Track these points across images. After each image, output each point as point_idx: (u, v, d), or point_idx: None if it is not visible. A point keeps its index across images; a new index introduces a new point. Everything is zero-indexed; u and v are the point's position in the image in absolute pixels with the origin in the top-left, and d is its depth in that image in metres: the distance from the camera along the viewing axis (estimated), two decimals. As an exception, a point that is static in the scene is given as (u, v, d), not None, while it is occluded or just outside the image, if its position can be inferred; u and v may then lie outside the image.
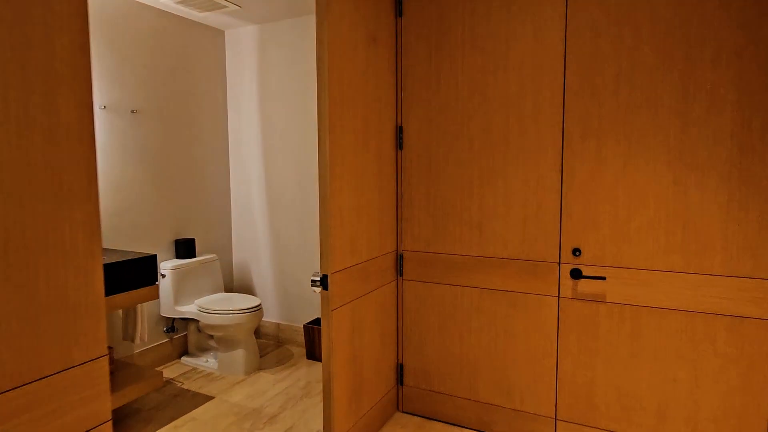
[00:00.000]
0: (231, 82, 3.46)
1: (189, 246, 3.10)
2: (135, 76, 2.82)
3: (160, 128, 2.98)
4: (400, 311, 2.42)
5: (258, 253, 3.49)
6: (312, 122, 3.17)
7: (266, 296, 3.49)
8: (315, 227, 3.23)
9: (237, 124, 3.47)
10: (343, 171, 1.92)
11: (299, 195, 3.26)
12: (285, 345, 3.41)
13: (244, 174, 3.48)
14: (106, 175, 2.68)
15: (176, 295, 2.98)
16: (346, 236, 1.96)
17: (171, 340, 3.11)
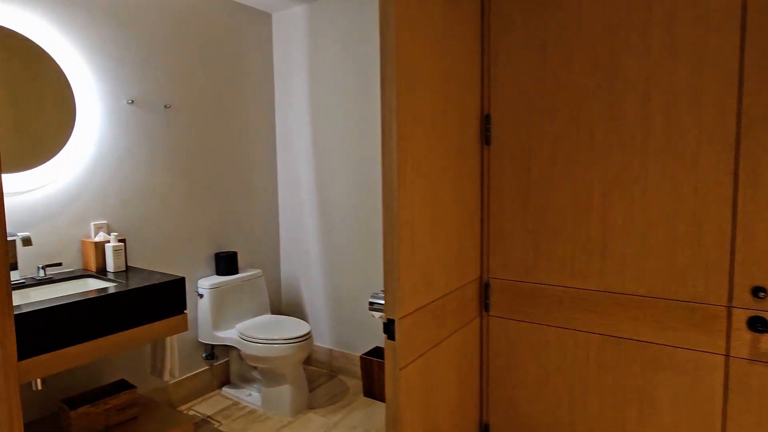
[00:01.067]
0: (278, 71, 3.02)
1: (231, 261, 2.69)
2: (169, 66, 2.43)
3: (197, 125, 2.59)
4: (485, 356, 1.86)
5: (309, 268, 3.03)
6: (372, 117, 2.66)
7: (318, 318, 3.03)
8: (375, 240, 2.73)
9: (285, 119, 3.03)
10: (414, 176, 1.39)
11: (357, 202, 2.77)
12: (338, 375, 2.94)
13: (294, 178, 3.04)
14: (134, 180, 2.31)
15: (215, 318, 2.57)
16: (418, 264, 1.43)
17: (211, 368, 2.72)
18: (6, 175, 1.85)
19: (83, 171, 2.11)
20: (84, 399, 2.00)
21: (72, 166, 2.06)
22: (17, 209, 1.90)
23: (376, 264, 2.73)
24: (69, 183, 2.06)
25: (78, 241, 2.10)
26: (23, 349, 1.49)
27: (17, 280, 1.83)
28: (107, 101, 2.19)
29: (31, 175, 1.92)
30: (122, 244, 2.07)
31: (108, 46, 2.18)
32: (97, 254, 2.05)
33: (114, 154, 2.22)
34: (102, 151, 2.18)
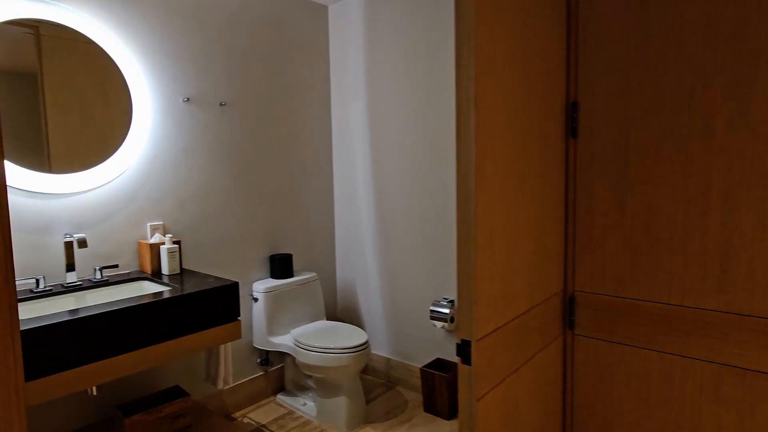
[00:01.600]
0: (335, 66, 2.89)
1: (286, 263, 2.59)
2: (223, 62, 2.36)
3: (252, 123, 2.51)
4: (569, 382, 1.61)
5: (365, 272, 2.88)
6: (435, 114, 2.47)
7: (374, 325, 2.88)
8: (436, 244, 2.53)
9: (341, 116, 2.90)
10: (493, 172, 1.18)
11: (417, 204, 2.59)
12: (396, 387, 2.76)
13: (350, 177, 2.90)
14: (190, 180, 2.25)
15: (270, 323, 2.47)
16: (498, 275, 1.22)
17: (266, 374, 2.63)
18: (63, 175, 1.82)
19: (140, 171, 2.07)
20: (138, 406, 1.94)
21: (129, 166, 2.02)
22: (75, 210, 1.87)
23: (438, 270, 2.54)
24: (126, 183, 2.02)
25: (134, 242, 2.06)
26: (77, 356, 1.42)
27: (74, 282, 1.80)
28: (163, 99, 2.14)
29: (88, 175, 1.88)
30: (177, 246, 2.00)
31: (163, 43, 2.13)
32: (153, 256, 1.99)
33: (170, 154, 2.17)
34: (158, 151, 2.13)
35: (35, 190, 1.75)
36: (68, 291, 1.76)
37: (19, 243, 1.74)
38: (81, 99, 1.86)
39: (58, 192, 1.81)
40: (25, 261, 1.76)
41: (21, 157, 1.72)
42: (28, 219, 1.76)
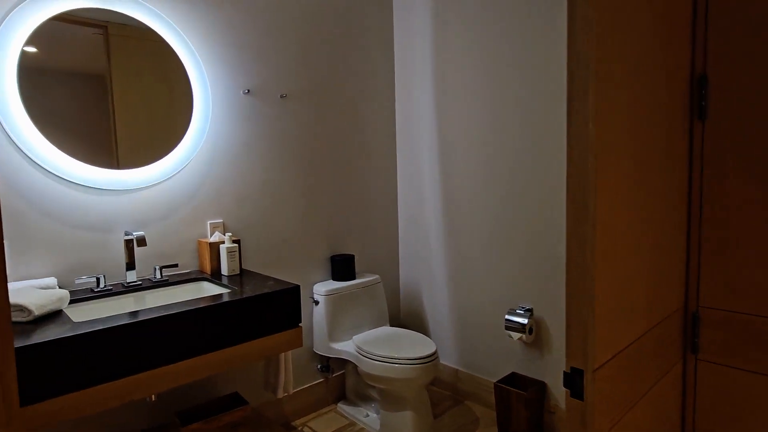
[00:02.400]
0: (400, 56, 2.71)
1: (347, 264, 2.44)
2: (285, 53, 2.24)
3: (312, 117, 2.37)
4: (690, 417, 1.33)
5: (431, 275, 2.68)
6: (513, 101, 2.22)
7: (441, 333, 2.67)
8: (514, 246, 2.28)
9: (407, 109, 2.71)
10: (613, 163, 0.95)
11: (489, 203, 2.35)
12: (465, 401, 2.54)
13: (415, 174, 2.70)
14: (250, 176, 2.15)
15: (331, 328, 2.33)
16: (617, 291, 0.98)
17: (326, 381, 2.49)
18: (129, 170, 1.76)
19: (200, 167, 1.98)
20: (197, 413, 1.86)
21: (189, 161, 1.93)
22: (136, 207, 1.81)
23: (514, 275, 2.28)
24: (186, 179, 1.94)
25: (194, 240, 1.98)
26: (134, 363, 1.33)
27: (134, 282, 1.73)
28: (223, 92, 2.04)
29: (149, 171, 1.81)
30: (236, 246, 1.90)
31: (224, 34, 2.03)
32: (212, 256, 1.90)
33: (230, 149, 2.07)
34: (218, 146, 2.03)
35: (100, 186, 1.70)
36: (128, 291, 1.69)
37: (81, 241, 1.69)
38: (146, 94, 1.79)
39: (121, 188, 1.75)
40: (86, 259, 1.71)
41: (88, 155, 1.66)
42: (90, 216, 1.71)
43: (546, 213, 2.13)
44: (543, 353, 2.20)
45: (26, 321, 1.33)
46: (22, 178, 1.57)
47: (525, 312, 2.19)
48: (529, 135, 2.15)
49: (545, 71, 2.07)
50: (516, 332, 2.18)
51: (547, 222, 2.13)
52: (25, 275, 1.59)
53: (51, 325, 1.30)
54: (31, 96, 1.55)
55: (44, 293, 1.41)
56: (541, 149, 2.12)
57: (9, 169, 1.54)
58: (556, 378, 2.17)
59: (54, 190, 1.63)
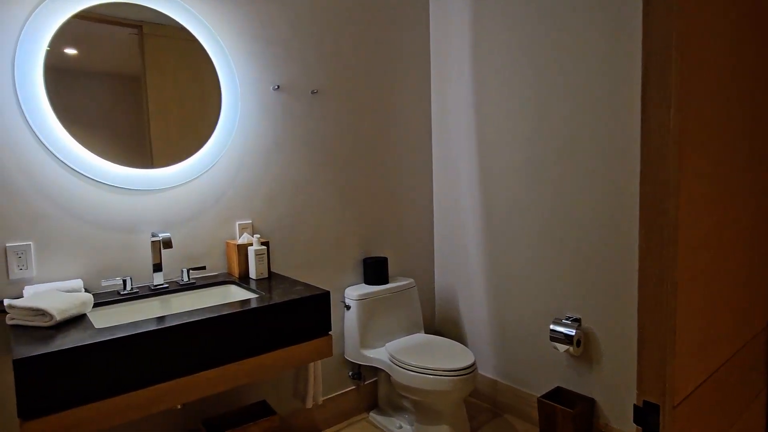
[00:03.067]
0: (436, 50, 2.58)
1: (380, 267, 2.33)
2: (316, 47, 2.15)
3: (344, 113, 2.27)
4: (777, 453, 1.15)
5: (469, 280, 2.53)
6: (558, 95, 2.05)
7: (479, 341, 2.52)
8: (560, 250, 2.11)
9: (442, 106, 2.57)
10: (698, 156, 0.79)
11: (533, 202, 2.19)
12: (504, 415, 2.38)
13: (452, 173, 2.56)
14: (280, 175, 2.06)
15: (363, 334, 2.23)
16: (698, 310, 0.83)
17: (358, 388, 2.39)
18: (159, 170, 1.70)
19: (229, 165, 1.91)
20: (224, 421, 1.79)
21: (217, 160, 1.87)
22: (165, 207, 1.76)
23: (559, 282, 2.12)
24: (215, 179, 1.87)
25: (223, 242, 1.91)
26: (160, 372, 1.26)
27: (161, 285, 1.67)
28: (252, 87, 1.96)
29: (178, 169, 1.76)
30: (265, 248, 1.81)
31: (252, 28, 1.95)
32: (240, 258, 1.83)
33: (260, 147, 2.00)
34: (247, 144, 1.96)
35: (128, 186, 1.65)
36: (154, 294, 1.64)
37: (108, 242, 1.65)
38: (178, 92, 1.73)
39: (149, 188, 1.70)
40: (113, 261, 1.66)
41: (117, 155, 1.62)
42: (118, 217, 1.67)
43: (598, 215, 1.96)
44: (592, 367, 2.03)
45: (48, 326, 1.28)
46: (50, 178, 1.53)
47: (572, 322, 2.02)
48: (582, 130, 1.98)
49: (604, 56, 1.89)
50: (562, 344, 2.01)
51: (599, 225, 1.95)
52: (51, 277, 1.55)
53: (72, 331, 1.24)
54: (58, 95, 1.51)
55: (67, 297, 1.36)
56: (595, 145, 1.94)
57: (36, 169, 1.51)
58: (606, 395, 1.99)
59: (81, 190, 1.59)
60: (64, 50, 1.52)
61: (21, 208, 1.49)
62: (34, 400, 1.09)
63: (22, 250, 1.49)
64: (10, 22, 1.45)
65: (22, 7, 1.47)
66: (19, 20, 1.46)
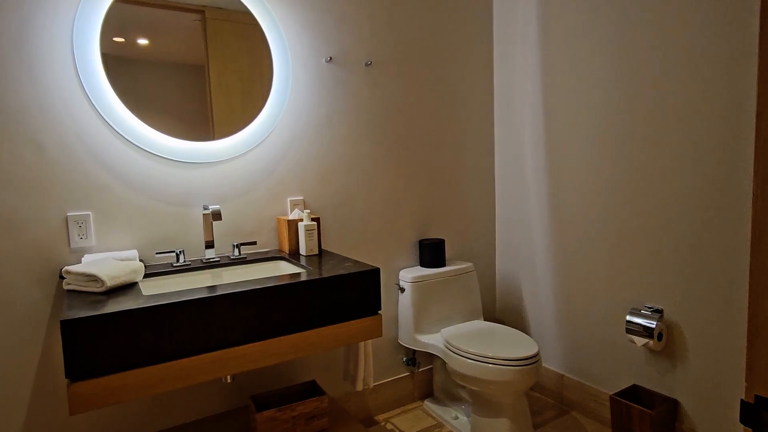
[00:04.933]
0: (500, 14, 2.39)
1: (437, 250, 2.20)
2: (370, 16, 2.05)
3: (400, 86, 2.16)
4: None
5: (533, 265, 2.35)
6: (637, 64, 1.81)
7: (543, 331, 2.33)
8: (637, 234, 1.88)
9: (506, 78, 2.39)
10: None
11: (608, 182, 1.97)
12: (571, 411, 2.19)
13: (517, 150, 2.38)
14: (332, 150, 2.00)
15: (418, 319, 2.12)
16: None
17: (412, 375, 2.30)
18: (201, 143, 1.70)
19: (281, 140, 1.87)
20: (272, 398, 1.76)
21: (268, 133, 1.83)
22: (216, 181, 1.75)
23: (638, 268, 1.89)
24: (266, 153, 1.84)
25: (274, 218, 1.88)
26: (208, 340, 1.23)
27: (212, 258, 1.66)
28: (304, 59, 1.91)
29: (228, 143, 1.74)
30: (315, 224, 1.76)
31: (307, -5, 1.89)
32: (291, 234, 1.78)
33: (312, 121, 1.94)
34: (300, 118, 1.91)
35: (182, 159, 1.65)
36: (206, 267, 1.63)
37: (163, 214, 1.66)
38: (233, 64, 1.71)
39: (202, 160, 1.69)
40: (168, 233, 1.68)
41: (177, 129, 1.62)
42: (173, 190, 1.67)
43: (687, 192, 1.71)
44: (675, 365, 1.79)
45: (99, 291, 1.29)
46: (109, 150, 1.56)
47: (653, 313, 1.80)
48: (670, 98, 1.74)
49: (708, 10, 1.64)
50: (640, 337, 1.79)
51: (689, 204, 1.71)
52: (109, 247, 1.59)
53: (121, 297, 1.24)
54: (119, 73, 1.53)
55: (119, 265, 1.37)
56: (688, 116, 1.70)
57: (96, 142, 1.54)
58: (693, 395, 1.75)
59: (139, 163, 1.61)
60: (117, 35, 1.53)
61: (81, 179, 1.53)
62: (80, 362, 1.09)
63: (82, 220, 1.53)
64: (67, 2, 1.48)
65: (81, -20, 1.49)
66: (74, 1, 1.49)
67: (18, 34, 1.41)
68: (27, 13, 1.42)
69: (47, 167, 1.47)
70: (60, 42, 1.46)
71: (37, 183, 1.46)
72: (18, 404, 1.48)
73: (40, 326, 1.50)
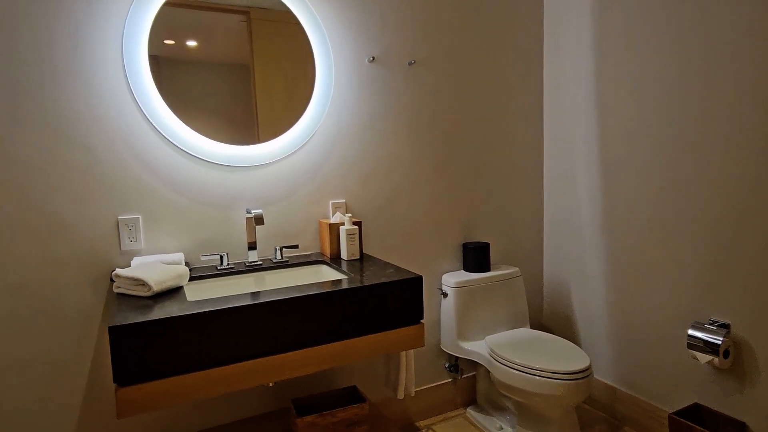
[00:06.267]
0: (549, 8, 2.27)
1: (482, 254, 2.13)
2: (414, 14, 1.99)
3: (444, 85, 2.09)
4: None
5: (584, 271, 2.23)
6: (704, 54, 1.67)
7: (595, 341, 2.21)
8: (699, 239, 1.74)
9: (556, 76, 2.27)
10: None
11: (664, 182, 1.83)
12: (624, 427, 2.07)
13: (566, 149, 2.26)
14: (374, 152, 1.96)
15: (461, 325, 2.06)
16: None
17: (455, 381, 2.24)
18: (245, 147, 1.70)
19: (323, 142, 1.85)
20: (313, 403, 1.75)
21: (311, 135, 1.82)
22: (259, 184, 1.75)
23: (701, 277, 1.75)
24: (309, 156, 1.83)
25: (316, 221, 1.86)
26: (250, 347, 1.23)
27: (255, 262, 1.67)
28: (346, 59, 1.88)
29: (271, 146, 1.73)
30: (356, 228, 1.73)
31: (350, -5, 1.86)
32: (332, 238, 1.76)
33: (354, 123, 1.91)
34: (342, 119, 1.88)
35: (226, 163, 1.66)
36: (249, 271, 1.63)
37: (208, 218, 1.68)
38: (279, 68, 1.70)
39: (246, 164, 1.70)
40: (212, 236, 1.70)
41: (223, 133, 1.64)
42: (217, 194, 1.69)
43: (755, 197, 1.56)
44: (744, 385, 1.65)
45: (146, 296, 1.31)
46: (157, 155, 1.59)
47: (718, 328, 1.66)
48: (736, 98, 1.59)
49: (766, -1, 1.49)
50: (704, 353, 1.66)
51: (758, 210, 1.56)
52: (157, 249, 1.62)
53: (167, 302, 1.26)
54: (166, 79, 1.55)
55: (165, 269, 1.39)
56: (753, 115, 1.55)
57: (144, 147, 1.57)
58: (763, 418, 1.60)
59: (186, 168, 1.63)
60: (165, 38, 1.55)
61: (131, 183, 1.56)
62: (127, 367, 1.11)
63: (132, 223, 1.57)
64: (117, 7, 1.50)
65: (130, -12, 1.52)
66: (124, 6, 1.51)
67: (73, 42, 1.45)
68: (80, 20, 1.45)
69: (99, 171, 1.52)
70: (111, 48, 1.50)
71: (90, 187, 1.51)
72: (72, 402, 1.54)
73: (93, 327, 1.55)
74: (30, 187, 1.44)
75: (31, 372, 1.48)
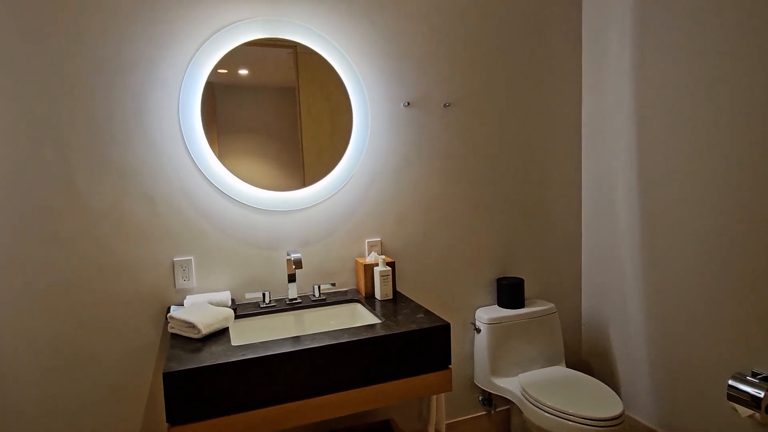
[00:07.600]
0: (588, 49, 2.27)
1: (516, 290, 2.15)
2: (449, 59, 2.05)
3: (479, 126, 2.14)
4: None
5: (624, 307, 2.20)
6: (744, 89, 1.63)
7: (635, 380, 2.17)
8: (743, 285, 1.69)
9: (594, 113, 2.26)
10: None
11: (709, 225, 1.78)
12: (665, 473, 2.02)
13: (605, 185, 2.24)
14: (410, 192, 2.03)
15: (494, 361, 2.09)
16: None
17: (488, 415, 2.26)
18: (288, 192, 1.82)
19: (361, 183, 1.95)
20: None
21: (349, 178, 1.92)
22: (299, 226, 1.86)
23: (744, 327, 1.69)
24: (347, 196, 1.93)
25: (352, 259, 1.96)
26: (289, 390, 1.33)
27: (294, 300, 1.78)
28: (382, 104, 1.96)
29: (311, 191, 1.85)
30: (389, 270, 1.80)
31: (382, 43, 1.95)
32: (367, 277, 1.85)
33: (390, 164, 1.99)
34: (378, 161, 1.97)
35: (271, 208, 1.79)
36: (289, 309, 1.75)
37: (252, 258, 1.81)
38: (319, 114, 1.82)
39: (288, 209, 1.82)
40: (256, 275, 1.82)
41: (271, 181, 1.77)
42: (262, 235, 1.82)
43: (804, 248, 1.50)
44: (791, 442, 1.58)
45: (196, 338, 1.44)
46: (207, 202, 1.74)
47: (761, 381, 1.60)
48: (779, 138, 1.54)
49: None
50: (745, 407, 1.61)
51: (806, 261, 1.50)
52: (207, 287, 1.76)
53: (214, 346, 1.39)
54: (218, 138, 1.70)
55: (214, 311, 1.52)
56: (800, 158, 1.50)
57: (196, 195, 1.72)
58: (812, 481, 1.53)
59: (233, 212, 1.77)
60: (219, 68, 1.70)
61: (185, 228, 1.72)
62: (178, 408, 1.24)
63: (185, 264, 1.72)
64: (176, 63, 1.67)
65: (183, 57, 1.68)
66: (182, 64, 1.67)
67: (136, 102, 1.62)
68: (142, 83, 1.63)
69: (156, 217, 1.68)
70: (168, 107, 1.66)
71: (149, 232, 1.67)
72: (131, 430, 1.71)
73: (151, 358, 1.71)
74: (101, 234, 1.62)
75: (91, 396, 1.65)
